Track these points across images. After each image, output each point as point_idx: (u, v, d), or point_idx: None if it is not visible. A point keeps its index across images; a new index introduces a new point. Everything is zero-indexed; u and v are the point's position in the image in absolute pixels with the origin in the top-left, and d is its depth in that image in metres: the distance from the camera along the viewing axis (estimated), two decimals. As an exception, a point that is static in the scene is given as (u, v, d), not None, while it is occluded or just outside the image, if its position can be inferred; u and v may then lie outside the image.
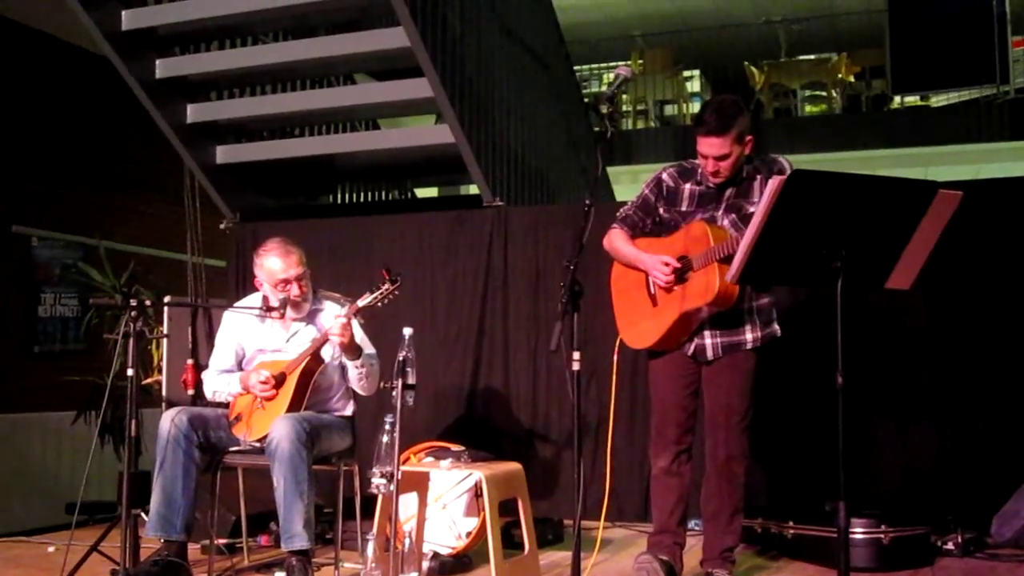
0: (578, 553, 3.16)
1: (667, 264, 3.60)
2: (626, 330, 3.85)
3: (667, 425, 3.80)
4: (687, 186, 3.75)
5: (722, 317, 3.66)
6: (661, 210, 3.78)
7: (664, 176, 3.80)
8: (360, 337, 4.12)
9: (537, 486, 4.99)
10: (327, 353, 4.10)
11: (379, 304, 3.89)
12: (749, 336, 3.70)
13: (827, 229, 2.86)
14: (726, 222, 3.62)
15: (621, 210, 3.90)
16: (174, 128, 6.24)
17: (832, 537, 3.88)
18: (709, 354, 3.70)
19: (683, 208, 3.73)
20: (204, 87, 6.51)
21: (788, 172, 3.46)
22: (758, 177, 3.65)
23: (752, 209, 3.54)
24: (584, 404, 3.68)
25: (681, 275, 3.60)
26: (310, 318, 4.22)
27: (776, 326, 3.79)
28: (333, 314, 4.06)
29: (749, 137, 3.59)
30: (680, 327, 3.66)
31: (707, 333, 3.69)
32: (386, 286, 3.84)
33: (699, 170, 3.71)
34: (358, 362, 4.05)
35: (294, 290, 4.12)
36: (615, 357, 3.79)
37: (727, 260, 3.42)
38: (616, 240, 3.84)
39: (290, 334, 4.21)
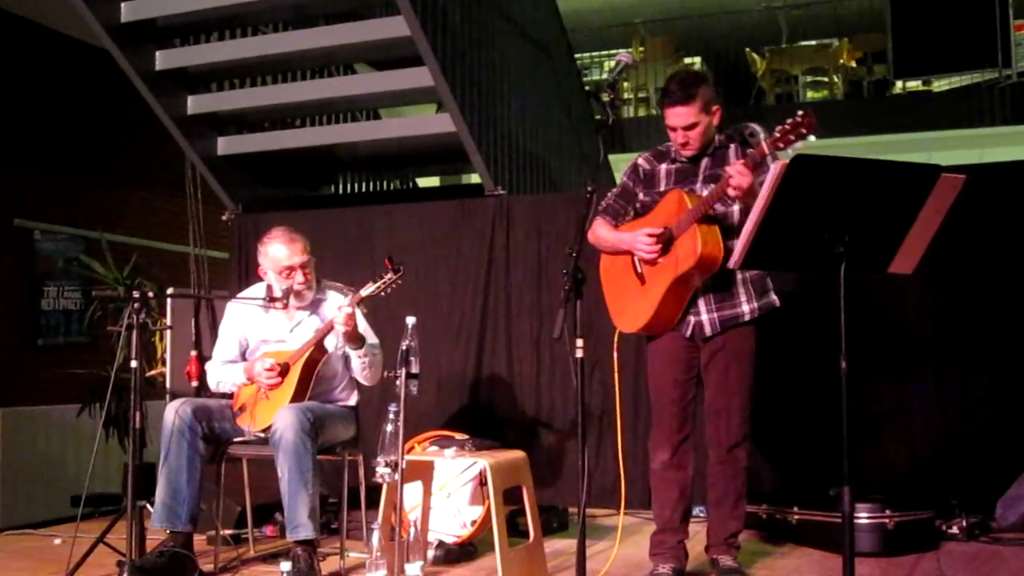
0: (583, 540, 3.16)
1: (649, 235, 3.56)
2: (619, 316, 3.80)
3: (665, 412, 3.74)
4: (663, 167, 3.75)
5: (715, 289, 3.62)
6: (641, 194, 3.77)
7: (640, 161, 3.81)
8: (363, 327, 4.12)
9: (541, 474, 5.00)
10: (330, 343, 4.10)
11: (382, 294, 3.89)
12: (746, 308, 3.65)
13: (830, 213, 2.85)
14: (704, 193, 3.56)
15: (602, 201, 3.88)
16: (175, 120, 6.23)
17: (837, 522, 3.92)
18: (707, 330, 3.65)
19: (661, 188, 3.72)
20: (204, 78, 6.50)
21: (760, 135, 3.47)
22: (731, 146, 3.65)
23: None
24: (588, 392, 3.67)
25: (666, 246, 3.55)
26: (313, 308, 4.22)
27: (774, 296, 3.74)
28: (336, 304, 4.06)
29: (716, 107, 3.59)
30: (672, 300, 3.60)
31: (702, 308, 3.65)
32: (389, 275, 3.84)
33: (673, 150, 3.71)
34: (361, 351, 4.05)
35: (298, 278, 4.12)
36: (615, 354, 3.74)
37: (707, 220, 3.44)
38: (599, 229, 3.82)
39: (293, 324, 4.21)
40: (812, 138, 3.12)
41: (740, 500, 3.76)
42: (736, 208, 3.57)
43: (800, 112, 3.14)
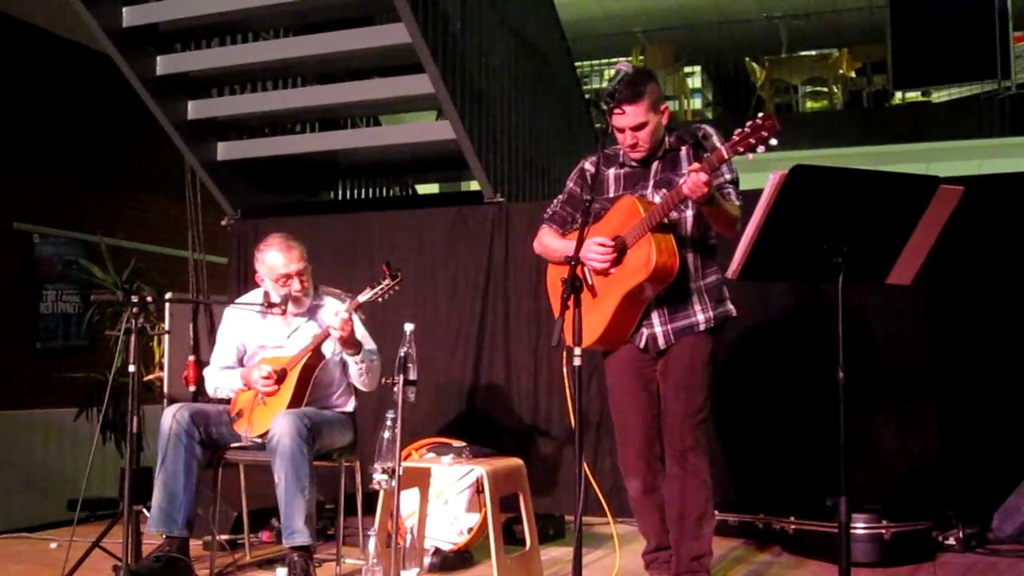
0: (579, 549, 3.15)
1: (601, 244, 3.39)
2: (569, 331, 3.24)
3: (631, 432, 3.59)
4: (611, 171, 3.62)
5: (669, 300, 3.48)
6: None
7: (587, 165, 3.67)
8: (361, 333, 4.12)
9: (538, 482, 4.99)
10: (328, 349, 4.10)
11: (380, 300, 3.89)
12: (700, 317, 3.50)
13: (829, 224, 2.85)
14: (657, 199, 3.41)
15: (548, 208, 3.78)
16: (175, 125, 6.24)
17: (833, 532, 3.90)
18: (661, 342, 3.50)
19: (611, 194, 3.58)
20: (205, 83, 6.51)
21: (713, 137, 3.34)
22: (683, 148, 3.51)
23: None
24: (585, 400, 3.63)
25: (618, 257, 3.39)
26: (311, 314, 4.22)
27: (730, 305, 3.60)
28: (334, 310, 4.06)
29: (664, 107, 3.49)
30: (624, 313, 3.46)
31: (656, 320, 3.50)
32: (387, 282, 3.85)
33: (621, 153, 3.57)
34: (358, 358, 4.05)
35: (295, 285, 4.12)
36: (564, 369, 3.39)
37: (661, 228, 3.33)
38: (545, 238, 3.72)
39: (291, 330, 4.21)
40: (773, 141, 3.00)
41: (704, 519, 3.51)
42: (689, 215, 3.47)
43: (760, 115, 3.04)
